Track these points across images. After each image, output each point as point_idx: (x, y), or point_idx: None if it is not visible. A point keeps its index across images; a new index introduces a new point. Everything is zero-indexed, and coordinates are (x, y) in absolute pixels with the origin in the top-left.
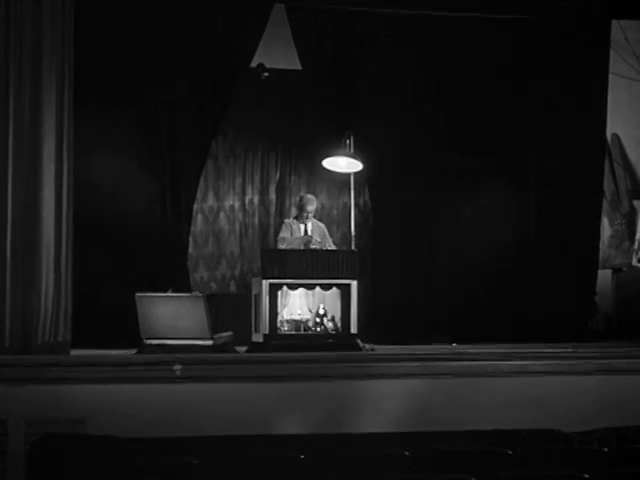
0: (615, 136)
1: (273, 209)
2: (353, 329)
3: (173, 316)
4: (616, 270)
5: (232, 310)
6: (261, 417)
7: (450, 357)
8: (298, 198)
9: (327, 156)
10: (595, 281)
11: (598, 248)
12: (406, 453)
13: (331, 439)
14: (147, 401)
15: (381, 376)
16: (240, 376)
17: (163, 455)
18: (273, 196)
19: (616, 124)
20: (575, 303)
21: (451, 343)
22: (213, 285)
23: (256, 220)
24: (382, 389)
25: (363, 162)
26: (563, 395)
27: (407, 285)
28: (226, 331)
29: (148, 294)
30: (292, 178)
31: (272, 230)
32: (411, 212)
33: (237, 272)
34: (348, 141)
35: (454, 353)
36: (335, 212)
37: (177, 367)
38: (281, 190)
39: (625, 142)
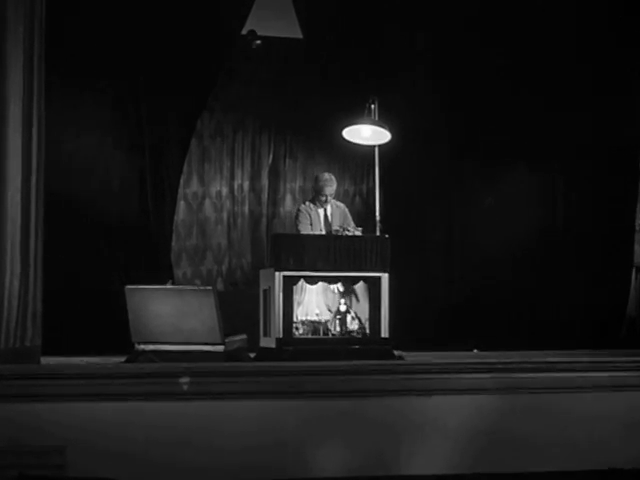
0: None
1: (265, 196)
2: (384, 333)
3: (174, 315)
4: None
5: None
6: (293, 445)
7: (528, 368)
8: (314, 179)
9: (348, 125)
10: (630, 281)
11: (632, 245)
12: None
13: None
14: (143, 424)
15: (439, 392)
16: (264, 392)
17: None
18: (265, 182)
19: None
20: (605, 306)
21: (472, 349)
22: (198, 282)
23: (246, 208)
24: (441, 409)
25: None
26: None
27: (421, 282)
28: (237, 333)
29: (142, 287)
30: (287, 162)
31: (264, 220)
32: (426, 198)
33: (225, 267)
34: (373, 106)
35: (531, 362)
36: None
37: (184, 380)
38: (274, 175)
39: None
